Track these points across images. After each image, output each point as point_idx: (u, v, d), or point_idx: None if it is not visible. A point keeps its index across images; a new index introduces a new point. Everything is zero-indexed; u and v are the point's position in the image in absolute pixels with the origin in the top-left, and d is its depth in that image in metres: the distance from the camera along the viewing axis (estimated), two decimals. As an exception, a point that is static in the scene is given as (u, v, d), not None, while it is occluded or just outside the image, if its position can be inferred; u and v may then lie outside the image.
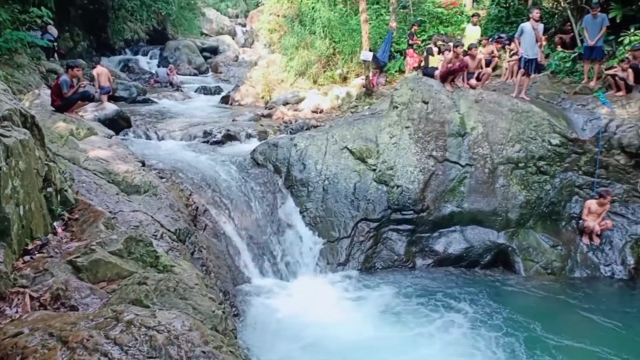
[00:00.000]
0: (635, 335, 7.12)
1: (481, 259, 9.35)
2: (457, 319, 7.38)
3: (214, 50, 27.80)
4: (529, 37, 10.31)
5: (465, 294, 8.16)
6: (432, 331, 7.04)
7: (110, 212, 5.54)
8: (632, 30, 10.77)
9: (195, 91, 19.44)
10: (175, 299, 3.29)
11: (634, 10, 11.19)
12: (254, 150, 10.24)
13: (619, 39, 11.07)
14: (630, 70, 10.10)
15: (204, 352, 2.46)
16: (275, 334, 6.53)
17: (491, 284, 8.69)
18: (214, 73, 24.80)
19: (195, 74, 24.10)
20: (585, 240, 9.42)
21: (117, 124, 11.25)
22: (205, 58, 26.45)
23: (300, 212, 9.36)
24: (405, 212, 9.43)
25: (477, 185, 9.60)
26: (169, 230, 6.38)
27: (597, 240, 9.40)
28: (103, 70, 12.69)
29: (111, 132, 9.53)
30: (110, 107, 11.59)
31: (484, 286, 8.54)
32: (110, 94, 12.99)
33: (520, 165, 9.68)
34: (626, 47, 10.73)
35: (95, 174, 6.87)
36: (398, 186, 9.46)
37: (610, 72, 10.45)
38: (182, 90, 19.11)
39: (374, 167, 9.68)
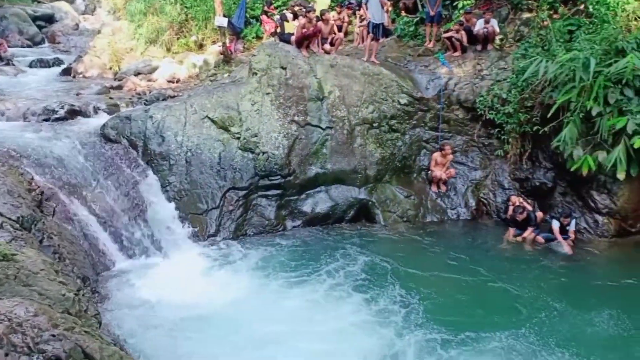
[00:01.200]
0: (475, 264, 8.22)
1: (346, 214, 9.89)
2: (329, 269, 7.83)
3: (49, 19, 24.72)
4: (375, 3, 10.84)
5: (333, 248, 8.65)
6: (306, 284, 7.36)
7: None
8: (465, -5, 11.86)
9: (30, 65, 17.22)
10: (18, 287, 2.97)
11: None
12: (104, 125, 9.46)
13: (454, 4, 12.16)
14: (463, 32, 11.18)
15: (53, 335, 2.26)
16: (143, 314, 6.29)
17: (356, 236, 9.28)
18: (51, 44, 22.11)
19: (29, 46, 21.28)
20: (434, 188, 10.45)
21: None
22: (40, 27, 23.40)
23: (163, 187, 8.97)
24: (272, 178, 9.55)
25: (337, 147, 10.03)
26: (9, 219, 5.70)
27: (443, 188, 10.47)
28: None
29: None
30: None
31: (350, 238, 9.12)
32: None
33: (374, 125, 10.30)
34: (460, 11, 11.84)
35: None
36: (264, 153, 9.50)
37: (447, 34, 11.47)
38: (13, 65, 16.81)
39: (238, 135, 9.58)
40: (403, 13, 13.36)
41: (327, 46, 11.07)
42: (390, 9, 12.57)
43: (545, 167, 9.99)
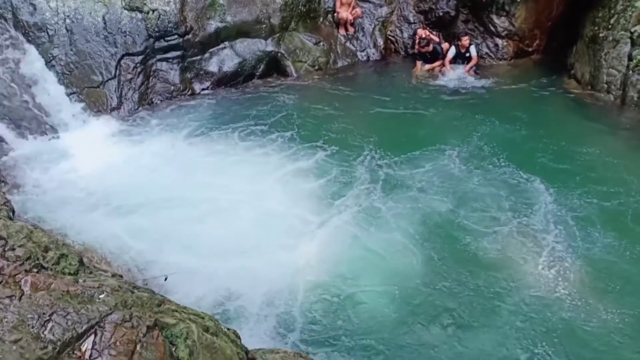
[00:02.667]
0: (385, 100, 8.55)
1: (255, 70, 9.53)
2: (243, 127, 7.69)
3: None
4: None
5: (245, 106, 8.46)
6: (220, 145, 7.24)
7: None
8: None
9: None
10: None
11: None
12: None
13: None
14: None
15: None
16: (52, 195, 6.00)
17: (269, 91, 9.09)
18: None
19: None
20: (342, 31, 10.19)
21: None
22: None
23: (48, 62, 8.03)
24: (169, 38, 8.80)
25: (235, -4, 9.28)
26: None
27: (351, 30, 10.24)
28: None
29: None
30: None
31: (263, 94, 8.92)
32: None
33: (272, -34, 9.52)
34: None
35: None
36: (153, 10, 8.61)
37: None
38: None
39: (120, -6, 8.54)
40: None
41: None
42: None
43: (448, -4, 9.94)
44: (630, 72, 7.84)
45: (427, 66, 9.56)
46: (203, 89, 9.15)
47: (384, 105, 8.31)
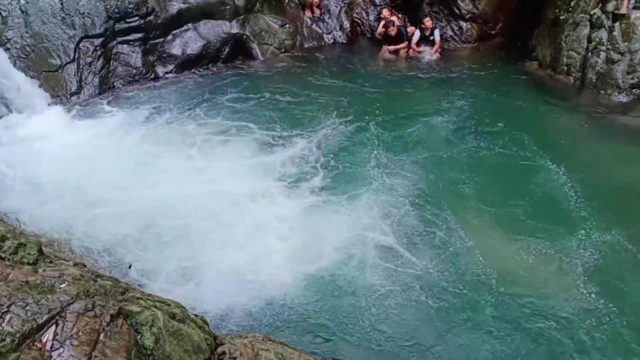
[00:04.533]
0: (353, 83, 8.60)
1: (220, 53, 9.34)
2: (206, 112, 7.58)
3: None
4: None
5: (210, 90, 8.33)
6: (183, 129, 7.11)
7: None
8: None
9: None
10: None
11: None
12: None
13: None
14: None
15: None
16: (6, 181, 5.81)
17: (234, 75, 8.95)
18: None
19: None
20: (308, 13, 10.09)
21: None
22: None
23: (2, 45, 7.70)
24: (129, 20, 8.56)
25: (197, -24, 9.04)
26: None
27: (317, 12, 10.15)
28: None
29: None
30: None
31: (228, 78, 8.79)
32: None
33: (235, -54, 9.30)
34: None
35: None
36: (112, -9, 8.33)
37: None
38: None
39: (77, -27, 8.21)
40: None
41: None
42: None
43: (414, -22, 9.95)
44: (589, 54, 8.04)
45: (392, 47, 9.58)
46: (166, 73, 8.93)
47: (350, 89, 8.31)
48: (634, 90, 7.64)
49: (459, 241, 5.01)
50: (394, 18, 9.73)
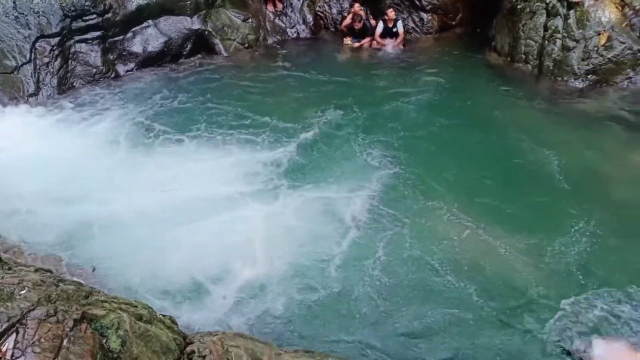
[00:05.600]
0: (318, 76, 8.59)
1: (182, 49, 9.22)
2: (167, 110, 7.50)
3: None
4: None
5: (172, 88, 8.21)
6: (142, 129, 7.01)
7: None
8: None
9: None
10: None
11: None
12: None
13: None
14: None
15: None
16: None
17: (198, 70, 8.85)
18: None
19: None
20: (270, 7, 10.03)
21: None
22: None
23: (-48, 47, 7.43)
24: (87, 18, 8.34)
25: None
26: None
27: (280, 6, 10.10)
28: None
29: None
30: None
31: (190, 75, 8.69)
32: None
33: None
34: None
35: None
36: (67, -12, 8.10)
37: None
38: None
39: (28, -30, 7.95)
40: None
41: None
42: None
43: (375, -29, 10.00)
44: (546, 42, 8.27)
45: (357, 44, 9.65)
46: (127, 71, 8.76)
47: (315, 82, 8.33)
48: (589, 76, 7.90)
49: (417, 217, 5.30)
50: (362, 12, 9.78)
